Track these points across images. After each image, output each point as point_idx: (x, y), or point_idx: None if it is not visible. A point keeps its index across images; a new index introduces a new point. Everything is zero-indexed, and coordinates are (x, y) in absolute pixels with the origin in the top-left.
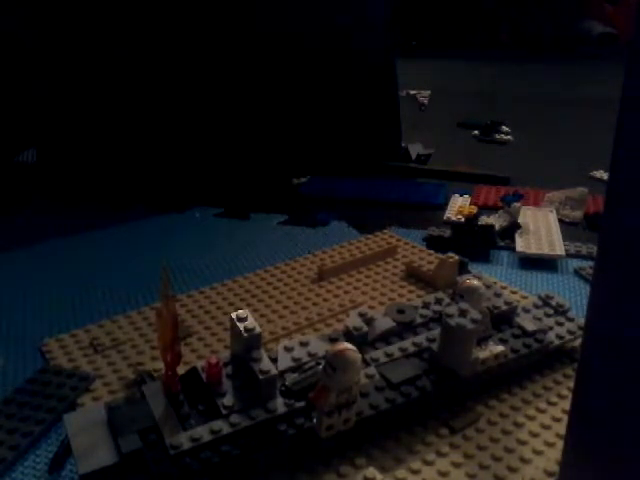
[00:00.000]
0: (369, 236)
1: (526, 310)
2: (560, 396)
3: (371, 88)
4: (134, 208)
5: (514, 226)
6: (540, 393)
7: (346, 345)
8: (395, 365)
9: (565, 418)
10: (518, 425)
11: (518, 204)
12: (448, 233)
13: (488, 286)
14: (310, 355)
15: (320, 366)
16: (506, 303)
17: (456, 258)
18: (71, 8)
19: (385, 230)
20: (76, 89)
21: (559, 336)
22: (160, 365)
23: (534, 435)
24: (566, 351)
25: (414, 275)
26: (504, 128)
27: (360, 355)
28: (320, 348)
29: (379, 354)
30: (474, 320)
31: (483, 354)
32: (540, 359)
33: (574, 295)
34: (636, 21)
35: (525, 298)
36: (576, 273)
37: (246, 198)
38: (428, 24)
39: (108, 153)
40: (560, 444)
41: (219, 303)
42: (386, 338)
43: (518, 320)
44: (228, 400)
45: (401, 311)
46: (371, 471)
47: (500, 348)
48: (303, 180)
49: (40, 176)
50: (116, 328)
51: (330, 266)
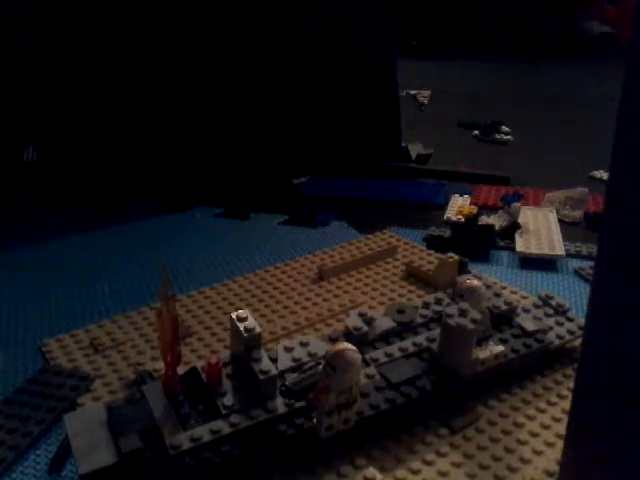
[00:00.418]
0: (369, 236)
1: (526, 310)
2: (560, 396)
3: (371, 88)
4: (134, 208)
5: (514, 226)
6: (540, 393)
7: (346, 345)
8: (395, 365)
9: (565, 418)
10: (518, 425)
11: (518, 204)
12: (448, 233)
13: (488, 286)
14: (310, 355)
15: (320, 366)
16: (506, 303)
17: (456, 258)
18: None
19: (385, 230)
20: (77, 89)
21: (559, 336)
22: (160, 365)
23: (534, 435)
24: (566, 351)
25: (414, 275)
26: (504, 128)
27: (360, 355)
28: (320, 348)
29: (379, 354)
30: (474, 320)
31: (483, 354)
32: (540, 359)
33: (574, 295)
34: (636, 21)
35: (525, 298)
36: (576, 273)
37: (246, 198)
38: (428, 24)
39: (109, 153)
40: (560, 444)
41: (219, 303)
42: (386, 338)
43: (518, 320)
44: (228, 400)
45: (401, 311)
46: (371, 471)
47: (500, 348)
48: (303, 180)
49: (40, 176)
50: (116, 328)
51: (330, 266)
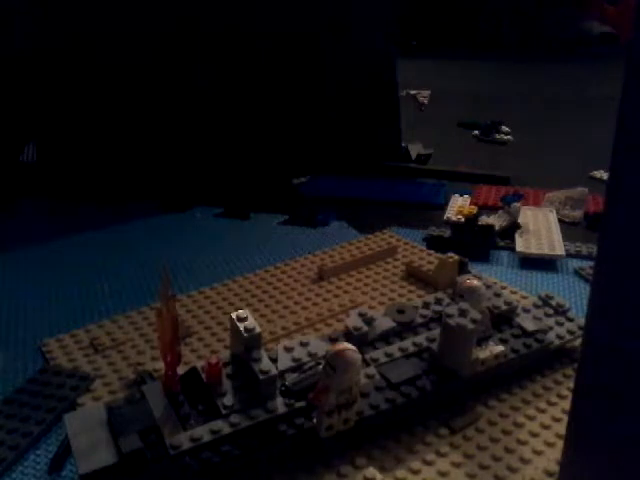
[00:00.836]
0: (369, 236)
1: (526, 310)
2: (560, 396)
3: (371, 88)
4: (134, 208)
5: (514, 226)
6: (540, 393)
7: (346, 345)
8: (395, 365)
9: (565, 418)
10: (518, 425)
11: (518, 204)
12: (448, 233)
13: (488, 286)
14: (310, 355)
15: (320, 366)
16: (506, 303)
17: (456, 258)
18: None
19: (385, 230)
20: (77, 89)
21: (559, 336)
22: (160, 365)
23: (534, 435)
24: (566, 351)
25: (414, 275)
26: (504, 128)
27: (360, 355)
28: (320, 348)
29: (379, 354)
30: (474, 320)
31: (483, 354)
32: (540, 359)
33: (574, 295)
34: (636, 21)
35: (525, 298)
36: (576, 273)
37: (246, 198)
38: (428, 24)
39: (109, 153)
40: (560, 444)
41: (219, 303)
42: (386, 338)
43: (518, 320)
44: (228, 400)
45: (401, 311)
46: (371, 471)
47: (500, 348)
48: (303, 180)
49: (40, 175)
50: (116, 328)
51: (330, 266)
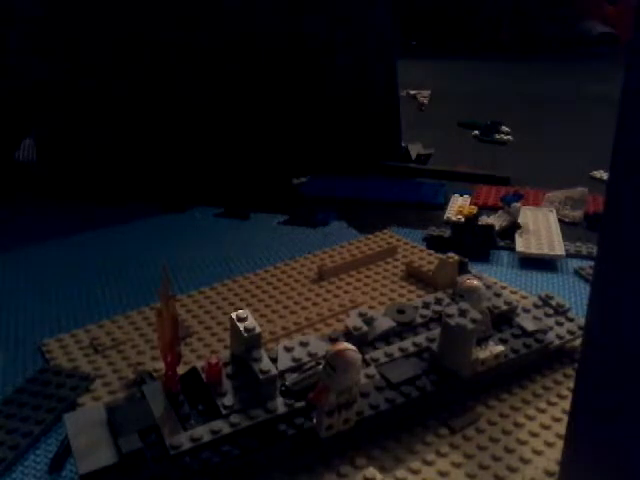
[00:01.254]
0: (369, 236)
1: (526, 310)
2: (560, 396)
3: (371, 88)
4: (134, 208)
5: (514, 226)
6: (540, 393)
7: (346, 345)
8: (395, 365)
9: (565, 418)
10: (518, 425)
11: (518, 204)
12: (448, 233)
13: (488, 286)
14: (310, 355)
15: (320, 366)
16: (506, 303)
17: (456, 258)
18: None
19: (385, 230)
20: (77, 88)
21: (559, 336)
22: (160, 365)
23: (534, 435)
24: (566, 351)
25: (414, 275)
26: (504, 128)
27: (360, 355)
28: (320, 348)
29: (379, 354)
30: (474, 320)
31: (483, 354)
32: (540, 359)
33: (574, 295)
34: (636, 21)
35: (525, 298)
36: (576, 273)
37: (246, 198)
38: (428, 24)
39: (109, 153)
40: (560, 444)
41: (219, 303)
42: (386, 338)
43: (518, 320)
44: (228, 400)
45: (401, 311)
46: (371, 471)
47: (500, 348)
48: (303, 180)
49: (39, 176)
50: (116, 328)
51: (330, 266)
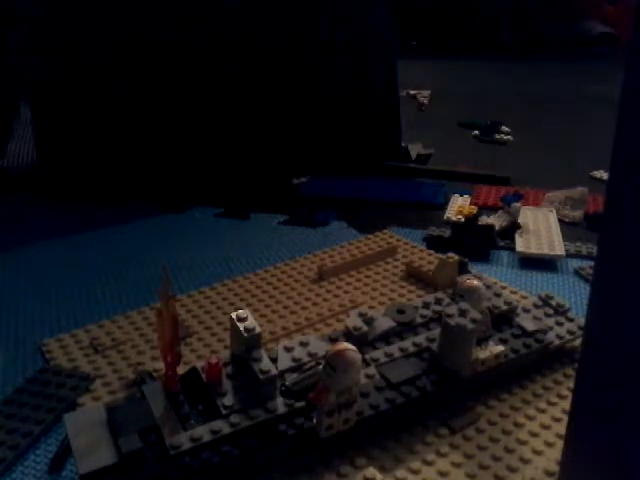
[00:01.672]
0: (369, 236)
1: (526, 310)
2: (560, 396)
3: (371, 88)
4: (134, 208)
5: (514, 226)
6: (540, 393)
7: (346, 345)
8: (395, 365)
9: (565, 418)
10: (518, 425)
11: (518, 204)
12: (448, 233)
13: (488, 286)
14: (310, 355)
15: (320, 366)
16: (506, 303)
17: (456, 258)
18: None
19: (385, 230)
20: (76, 89)
21: (559, 336)
22: (160, 365)
23: (534, 435)
24: (566, 351)
25: (414, 275)
26: (504, 128)
27: (360, 355)
28: (320, 348)
29: (379, 354)
30: (474, 320)
31: (483, 354)
32: (540, 359)
33: (574, 295)
34: (636, 21)
35: (525, 298)
36: (576, 273)
37: (246, 198)
38: (428, 24)
39: (109, 153)
40: (560, 444)
41: (219, 303)
42: (386, 338)
43: (518, 320)
44: (228, 400)
45: (401, 311)
46: (371, 471)
47: (500, 348)
48: (303, 180)
49: (39, 176)
50: (116, 328)
51: (330, 266)
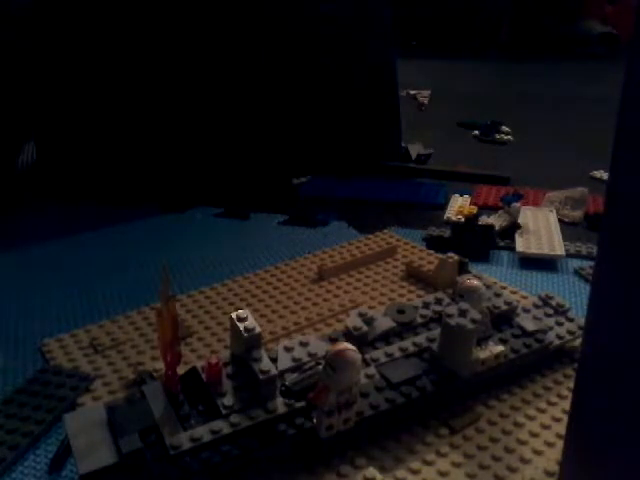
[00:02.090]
0: (369, 236)
1: (526, 310)
2: (560, 396)
3: (371, 88)
4: (134, 208)
5: (514, 226)
6: (540, 393)
7: (346, 345)
8: (395, 365)
9: (565, 418)
10: (518, 425)
11: (518, 204)
12: (448, 233)
13: (488, 286)
14: (310, 355)
15: (320, 366)
16: (506, 303)
17: (456, 258)
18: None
19: (385, 230)
20: (76, 89)
21: (559, 336)
22: (160, 365)
23: (534, 435)
24: (566, 351)
25: (414, 275)
26: (504, 128)
27: (360, 355)
28: (320, 348)
29: (379, 354)
30: (474, 320)
31: (483, 354)
32: (540, 359)
33: (574, 295)
34: (636, 21)
35: (525, 298)
36: (576, 273)
37: (246, 198)
38: (428, 24)
39: (108, 154)
40: (560, 444)
41: (219, 303)
42: (386, 338)
43: (518, 320)
44: (228, 400)
45: (401, 311)
46: (371, 471)
47: (500, 348)
48: (303, 180)
49: (40, 176)
50: (116, 328)
51: (330, 266)
